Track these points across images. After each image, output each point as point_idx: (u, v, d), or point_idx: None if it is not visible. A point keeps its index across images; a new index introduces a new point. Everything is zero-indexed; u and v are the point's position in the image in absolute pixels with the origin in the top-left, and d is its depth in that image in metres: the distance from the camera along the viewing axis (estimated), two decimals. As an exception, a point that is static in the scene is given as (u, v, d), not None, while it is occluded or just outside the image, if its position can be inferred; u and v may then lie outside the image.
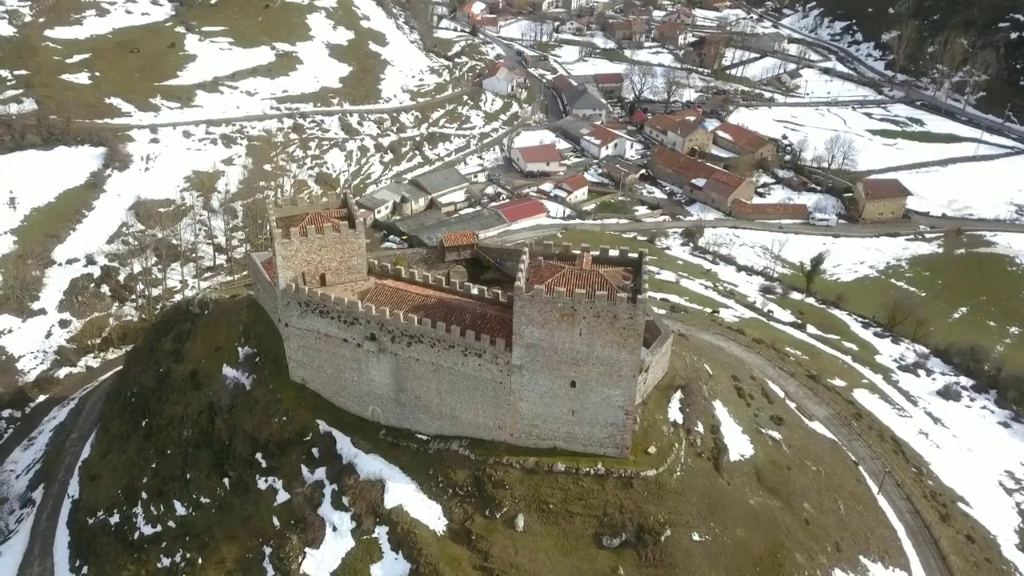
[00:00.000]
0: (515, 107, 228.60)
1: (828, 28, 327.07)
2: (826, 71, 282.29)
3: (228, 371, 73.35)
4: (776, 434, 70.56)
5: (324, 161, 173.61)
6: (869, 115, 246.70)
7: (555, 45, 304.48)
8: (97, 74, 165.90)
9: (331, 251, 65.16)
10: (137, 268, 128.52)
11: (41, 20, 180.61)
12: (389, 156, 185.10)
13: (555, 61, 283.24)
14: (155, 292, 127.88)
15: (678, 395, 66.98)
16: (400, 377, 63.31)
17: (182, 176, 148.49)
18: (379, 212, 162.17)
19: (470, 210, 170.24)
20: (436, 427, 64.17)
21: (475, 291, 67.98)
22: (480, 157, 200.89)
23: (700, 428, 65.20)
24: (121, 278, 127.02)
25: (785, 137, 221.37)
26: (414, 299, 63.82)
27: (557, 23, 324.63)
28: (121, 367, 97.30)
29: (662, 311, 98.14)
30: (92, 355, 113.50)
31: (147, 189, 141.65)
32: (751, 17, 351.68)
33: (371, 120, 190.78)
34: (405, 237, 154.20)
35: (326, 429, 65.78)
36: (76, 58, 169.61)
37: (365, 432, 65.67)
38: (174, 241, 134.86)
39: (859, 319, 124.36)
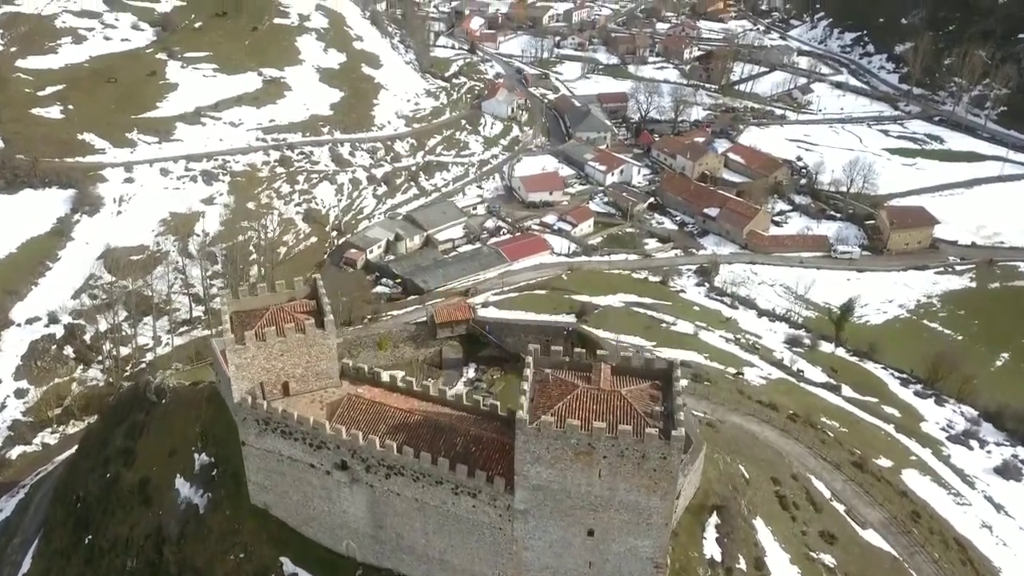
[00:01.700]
0: (515, 130, 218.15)
1: (838, 39, 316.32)
2: (838, 85, 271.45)
3: (181, 485, 62.46)
4: (829, 559, 59.47)
5: (313, 196, 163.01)
6: (885, 132, 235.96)
7: (556, 61, 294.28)
8: (70, 107, 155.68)
9: (295, 355, 54.24)
10: (105, 325, 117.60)
11: (13, 50, 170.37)
12: (383, 188, 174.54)
13: (556, 79, 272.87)
14: (124, 351, 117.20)
15: (714, 519, 55.96)
16: (378, 512, 52.34)
17: (158, 219, 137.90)
18: (371, 252, 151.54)
19: (468, 247, 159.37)
20: (423, 571, 53.12)
21: (467, 386, 57.14)
22: (479, 187, 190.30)
23: (742, 564, 54.16)
24: (87, 338, 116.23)
25: (799, 159, 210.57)
26: (394, 415, 52.78)
27: (558, 38, 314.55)
28: (74, 450, 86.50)
29: (684, 381, 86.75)
30: (50, 429, 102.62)
31: (119, 235, 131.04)
32: (757, 29, 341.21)
33: (363, 150, 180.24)
34: (399, 280, 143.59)
35: (292, 569, 54.76)
36: (48, 90, 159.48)
37: (338, 570, 54.71)
38: (147, 293, 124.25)
39: (896, 374, 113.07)
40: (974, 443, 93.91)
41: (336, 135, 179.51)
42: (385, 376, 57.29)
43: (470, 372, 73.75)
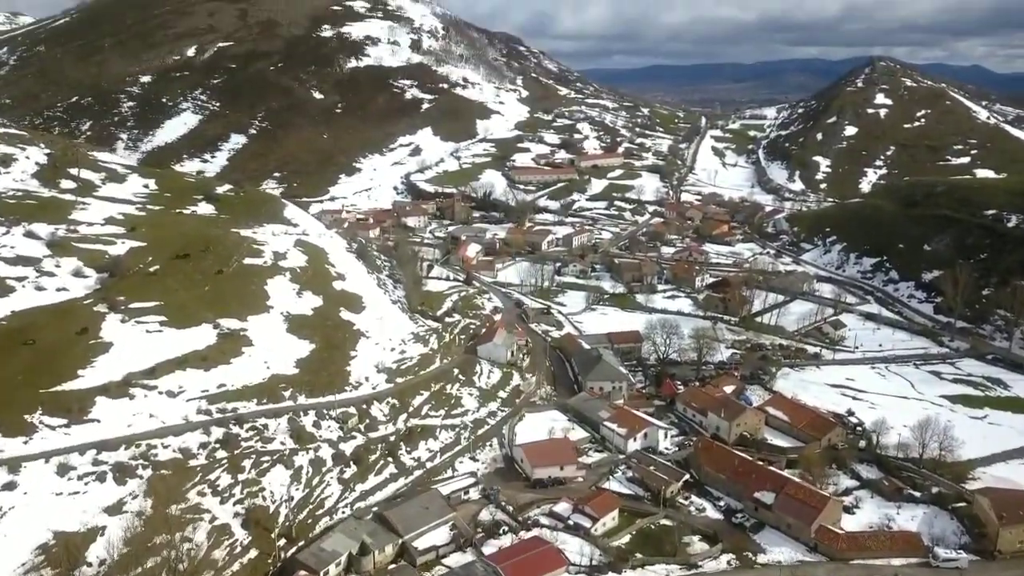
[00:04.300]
0: (516, 378, 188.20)
1: (856, 264, 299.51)
2: (869, 317, 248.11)
3: None
4: None
5: (261, 487, 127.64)
6: (937, 374, 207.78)
7: (558, 291, 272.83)
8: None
9: None
10: None
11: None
12: (352, 469, 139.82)
13: (559, 312, 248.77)
14: None
15: None
16: None
17: (34, 545, 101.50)
18: (327, 573, 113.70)
19: (458, 557, 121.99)
20: None
21: None
22: (473, 458, 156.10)
23: None
24: None
25: (851, 412, 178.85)
26: None
27: (559, 264, 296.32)
28: None
29: None
30: None
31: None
32: (767, 252, 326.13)
33: (332, 418, 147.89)
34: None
35: None
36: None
37: None
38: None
39: None
40: None
41: (300, 400, 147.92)
42: None
43: None
